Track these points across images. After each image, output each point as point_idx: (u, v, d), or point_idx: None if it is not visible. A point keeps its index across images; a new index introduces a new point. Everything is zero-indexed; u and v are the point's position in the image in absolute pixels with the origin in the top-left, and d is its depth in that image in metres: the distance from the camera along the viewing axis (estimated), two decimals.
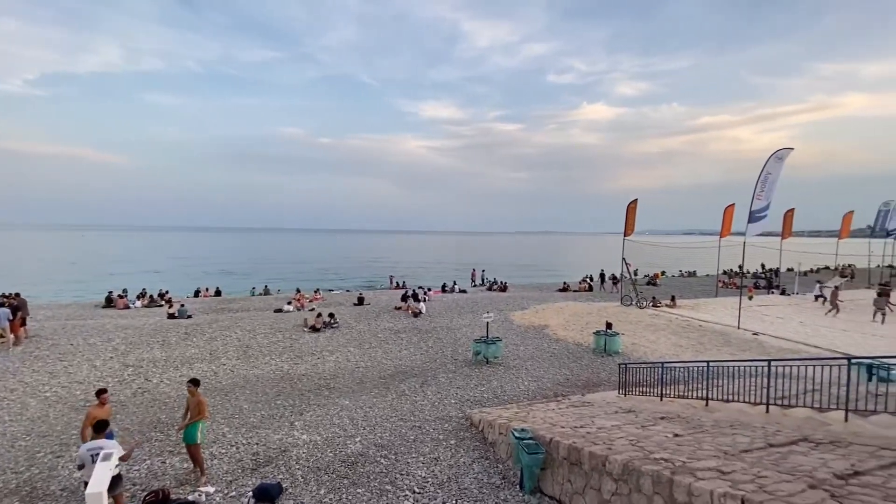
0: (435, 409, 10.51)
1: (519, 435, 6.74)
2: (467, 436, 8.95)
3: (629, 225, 25.18)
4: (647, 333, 17.76)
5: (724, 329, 18.07)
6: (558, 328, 18.55)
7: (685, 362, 9.97)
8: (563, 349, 15.86)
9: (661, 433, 6.34)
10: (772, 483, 3.97)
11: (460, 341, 16.57)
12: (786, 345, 15.59)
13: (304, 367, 13.76)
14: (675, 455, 5.00)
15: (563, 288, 32.17)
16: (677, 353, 14.97)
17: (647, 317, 20.81)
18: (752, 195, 18.74)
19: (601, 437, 6.28)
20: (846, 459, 4.54)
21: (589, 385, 12.49)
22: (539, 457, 6.35)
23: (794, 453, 4.91)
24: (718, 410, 7.95)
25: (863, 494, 3.68)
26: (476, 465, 7.70)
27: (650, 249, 34.39)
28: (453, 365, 14.02)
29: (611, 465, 5.12)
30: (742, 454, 5.02)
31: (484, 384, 12.32)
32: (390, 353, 15.25)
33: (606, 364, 14.19)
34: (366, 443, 8.58)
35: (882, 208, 33.43)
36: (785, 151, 19.04)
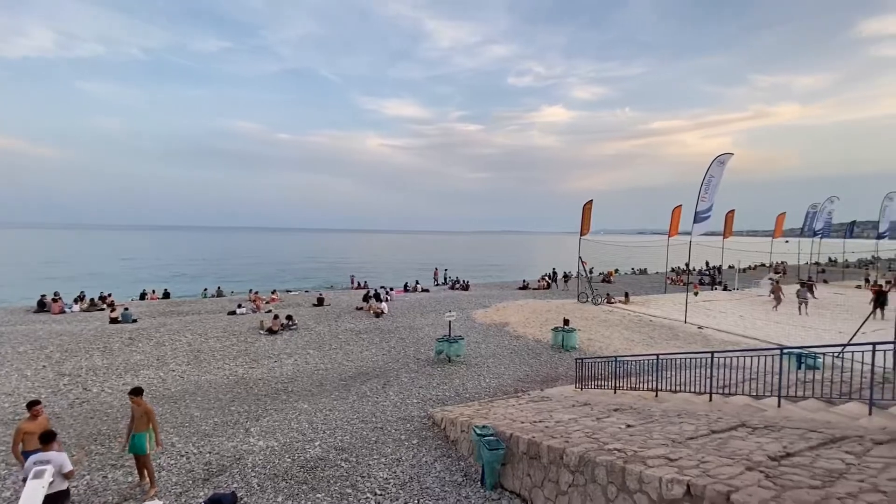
0: (397, 409, 10.46)
1: (480, 432, 6.83)
2: (430, 435, 8.98)
3: (585, 225, 26.08)
4: (602, 329, 18.47)
5: (673, 323, 19.09)
6: (518, 325, 18.94)
7: (637, 356, 10.47)
8: (523, 346, 16.21)
9: (615, 424, 6.62)
10: (714, 467, 4.24)
11: (423, 340, 16.57)
12: (727, 337, 16.68)
13: (260, 370, 13.30)
14: (627, 445, 5.23)
15: (524, 286, 32.85)
16: (629, 347, 15.66)
17: (601, 313, 21.64)
18: (697, 197, 19.90)
19: (559, 430, 6.48)
20: (779, 442, 4.92)
21: (548, 380, 12.83)
22: (500, 452, 6.47)
23: (734, 438, 5.27)
24: (667, 400, 8.39)
25: (793, 474, 4.00)
26: (438, 463, 7.73)
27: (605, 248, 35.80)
28: (416, 364, 14.00)
29: (568, 458, 5.29)
30: (688, 441, 5.32)
31: (446, 383, 12.39)
32: (351, 354, 15.03)
33: (564, 359, 14.64)
34: (326, 447, 8.42)
35: (810, 210, 36.44)
36: (726, 156, 20.35)
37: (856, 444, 4.61)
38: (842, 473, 3.86)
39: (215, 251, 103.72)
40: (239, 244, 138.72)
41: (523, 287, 32.60)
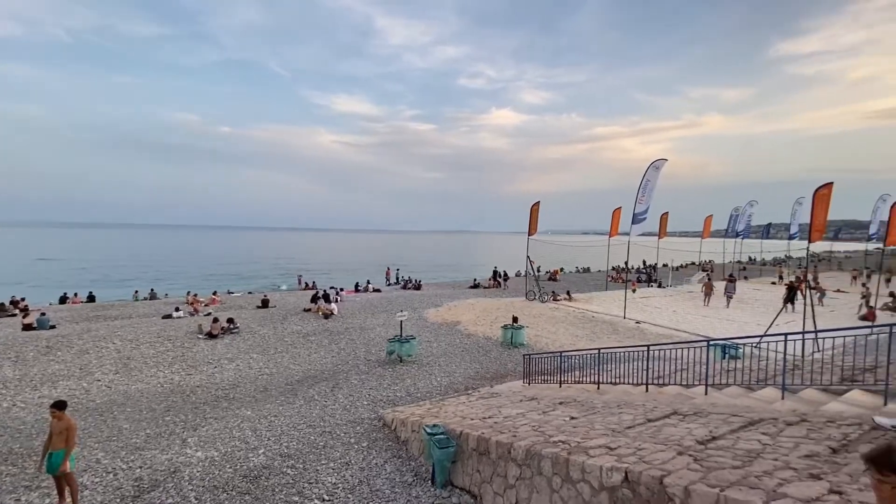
0: (346, 412, 10.24)
1: (431, 431, 6.85)
2: (380, 436, 8.88)
3: (533, 225, 26.88)
4: (549, 325, 19.12)
5: (613, 319, 20.13)
6: (470, 324, 19.18)
7: (580, 351, 10.91)
8: (474, 344, 16.44)
9: (560, 417, 6.88)
10: (649, 453, 4.51)
11: (374, 341, 16.35)
12: (662, 331, 17.83)
13: (198, 377, 12.54)
14: (571, 437, 5.45)
15: (475, 285, 33.30)
16: (574, 343, 16.32)
17: (548, 310, 22.41)
18: (635, 200, 21.11)
19: (507, 425, 6.63)
20: (706, 427, 5.32)
21: (497, 376, 13.10)
22: (450, 450, 6.51)
23: (667, 425, 5.64)
24: (608, 392, 8.82)
25: (718, 456, 4.35)
26: (388, 465, 7.66)
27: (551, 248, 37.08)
28: (366, 366, 13.79)
29: (515, 452, 5.43)
30: (626, 430, 5.63)
31: (398, 383, 12.31)
32: (298, 357, 14.53)
33: (513, 355, 15.00)
34: (270, 454, 8.08)
35: (733, 213, 39.74)
36: (661, 162, 21.73)
37: (771, 426, 5.09)
38: (759, 453, 4.24)
39: (149, 251, 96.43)
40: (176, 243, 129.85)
41: (474, 286, 33.04)
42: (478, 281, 34.54)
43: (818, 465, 3.77)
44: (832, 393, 6.06)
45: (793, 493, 3.21)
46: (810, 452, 4.08)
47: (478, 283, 33.91)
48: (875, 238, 29.81)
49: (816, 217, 13.70)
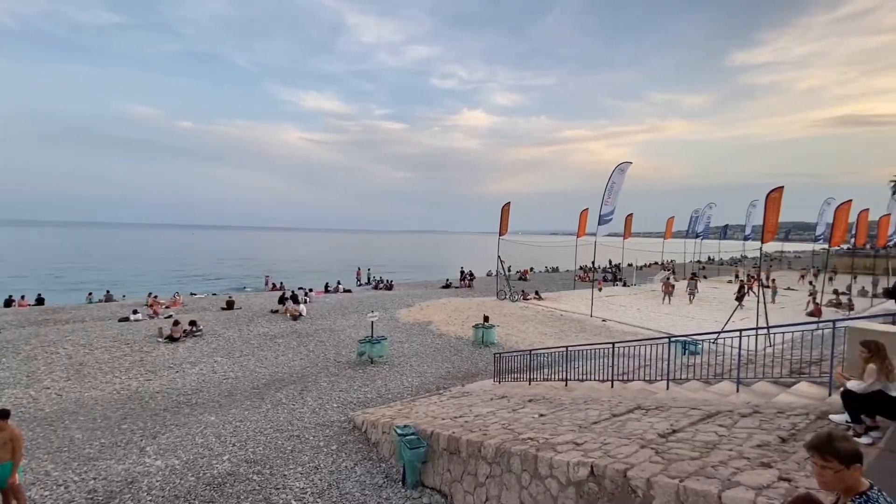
0: (315, 415, 10.07)
1: (401, 431, 6.82)
2: (350, 439, 8.77)
3: (503, 225, 27.19)
4: (519, 324, 19.39)
5: (581, 317, 20.62)
6: (441, 323, 19.20)
7: (549, 349, 11.13)
8: (445, 343, 16.47)
9: (529, 414, 6.99)
10: (614, 448, 4.65)
11: (344, 342, 16.13)
12: (626, 328, 18.40)
13: (158, 382, 12.02)
14: (539, 433, 5.55)
15: (447, 285, 33.37)
16: (543, 341, 16.62)
17: (518, 309, 22.72)
18: (602, 201, 21.70)
19: (477, 424, 6.69)
20: (667, 420, 5.53)
21: (468, 376, 13.18)
22: (421, 451, 6.51)
23: (631, 420, 5.83)
24: (576, 389, 9.04)
25: (678, 448, 4.53)
26: (359, 467, 7.58)
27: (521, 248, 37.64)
28: (336, 368, 13.58)
29: (485, 450, 5.48)
30: (593, 426, 5.79)
31: (368, 384, 12.19)
32: (265, 360, 14.16)
33: (484, 354, 15.13)
34: (235, 460, 7.85)
35: (693, 214, 41.47)
36: (626, 164, 22.43)
37: (727, 417, 5.34)
38: (716, 444, 4.44)
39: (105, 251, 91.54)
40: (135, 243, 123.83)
41: (446, 286, 33.11)
42: (450, 281, 34.62)
43: (769, 453, 3.99)
44: (782, 385, 6.43)
45: (746, 482, 3.39)
46: (762, 442, 4.32)
47: (450, 282, 33.99)
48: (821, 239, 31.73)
49: (769, 219, 14.48)
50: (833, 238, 23.72)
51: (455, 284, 33.49)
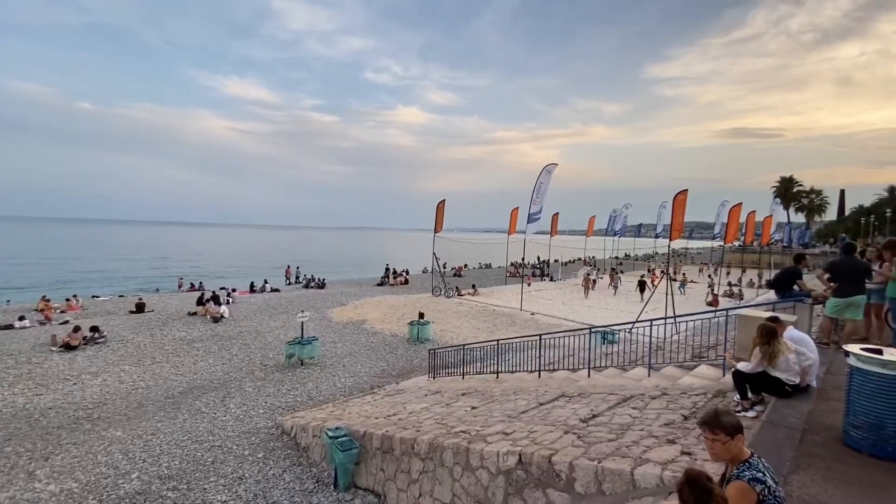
0: (240, 423, 9.49)
1: (333, 434, 6.65)
2: (278, 445, 8.39)
3: (438, 222, 27.43)
4: (453, 320, 19.69)
5: (511, 311, 21.39)
6: (376, 321, 18.96)
7: (482, 342, 11.43)
8: (380, 342, 16.28)
9: (462, 408, 7.14)
10: (540, 435, 4.90)
11: (272, 345, 15.35)
12: (553, 321, 19.39)
13: (51, 397, 10.63)
14: (471, 426, 5.69)
15: (382, 282, 32.98)
16: (476, 335, 17.01)
17: (453, 305, 23.06)
18: (530, 200, 22.65)
19: (411, 421, 6.70)
20: (588, 406, 5.93)
21: (403, 373, 13.15)
22: (353, 452, 6.40)
23: (556, 408, 6.17)
24: (506, 381, 9.36)
25: (597, 431, 4.87)
26: (287, 474, 7.28)
27: (456, 245, 38.23)
28: (262, 372, 12.89)
29: (419, 446, 5.51)
30: (521, 415, 6.04)
31: (298, 387, 11.71)
32: (182, 366, 13.08)
33: (419, 351, 15.17)
34: (147, 478, 7.19)
35: (612, 214, 44.66)
36: (552, 166, 23.58)
37: (639, 400, 5.83)
38: (629, 426, 4.84)
39: None
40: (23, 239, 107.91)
41: (381, 283, 32.73)
42: (385, 278, 34.25)
43: (674, 431, 4.42)
44: (686, 368, 7.13)
45: (654, 458, 3.73)
46: (668, 421, 4.77)
47: (385, 280, 33.64)
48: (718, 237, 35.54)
49: (675, 219, 16.01)
50: (727, 236, 26.81)
51: (391, 282, 33.22)
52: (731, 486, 2.16)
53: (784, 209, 64.14)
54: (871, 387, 3.40)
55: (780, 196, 64.26)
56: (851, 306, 6.16)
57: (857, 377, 3.51)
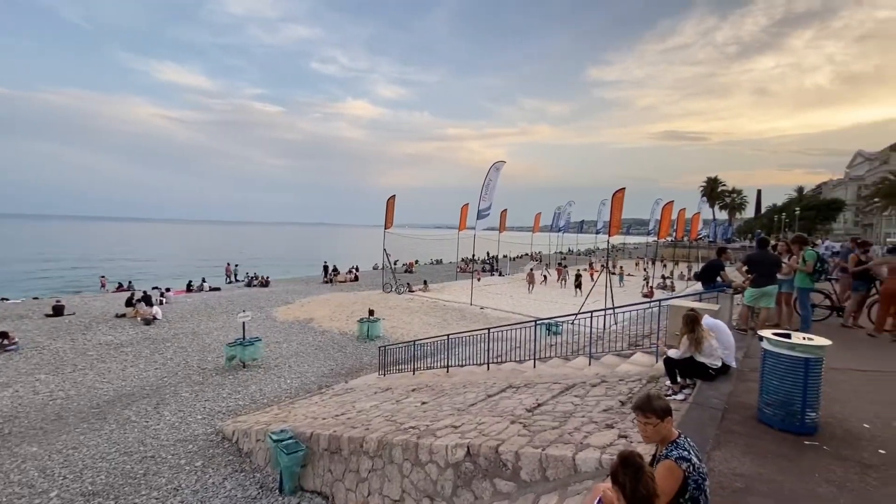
0: (175, 430, 8.91)
1: (277, 437, 6.42)
2: (218, 452, 7.97)
3: (389, 218, 27.15)
4: (404, 316, 19.61)
5: (462, 306, 21.65)
6: (324, 320, 18.48)
7: (432, 338, 11.47)
8: (328, 340, 15.89)
9: (412, 404, 7.14)
10: (488, 426, 5.00)
11: (211, 347, 14.53)
12: (501, 314, 19.83)
13: None
14: (421, 421, 5.70)
15: (330, 280, 32.18)
16: (427, 331, 17.05)
17: (404, 301, 22.96)
18: (479, 197, 22.98)
19: (360, 419, 6.61)
20: (533, 396, 6.12)
21: (353, 371, 12.92)
22: (299, 455, 6.21)
23: (503, 399, 6.32)
24: (456, 375, 9.47)
25: (542, 420, 5.05)
26: (229, 481, 6.94)
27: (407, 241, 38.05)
28: (200, 375, 12.17)
29: (367, 445, 5.45)
30: (470, 408, 6.14)
31: (240, 390, 11.18)
32: (108, 373, 12.06)
33: (369, 349, 14.97)
34: (67, 496, 6.58)
35: (556, 211, 46.35)
36: (501, 164, 24.05)
37: (581, 388, 6.10)
38: (572, 413, 5.05)
39: None
40: None
41: (329, 281, 31.93)
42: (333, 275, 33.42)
43: (612, 416, 4.67)
44: (623, 356, 7.55)
45: (594, 443, 3.92)
46: (607, 407, 5.03)
47: (333, 277, 32.83)
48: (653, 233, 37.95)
49: (614, 215, 16.88)
50: (660, 232, 28.69)
51: (340, 279, 32.49)
52: (661, 465, 2.31)
53: (710, 207, 69.72)
54: (781, 368, 3.77)
55: (707, 195, 69.80)
56: (765, 295, 6.79)
57: (769, 359, 3.88)
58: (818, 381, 3.68)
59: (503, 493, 3.97)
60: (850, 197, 67.00)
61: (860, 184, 65.28)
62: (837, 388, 4.57)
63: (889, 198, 39.72)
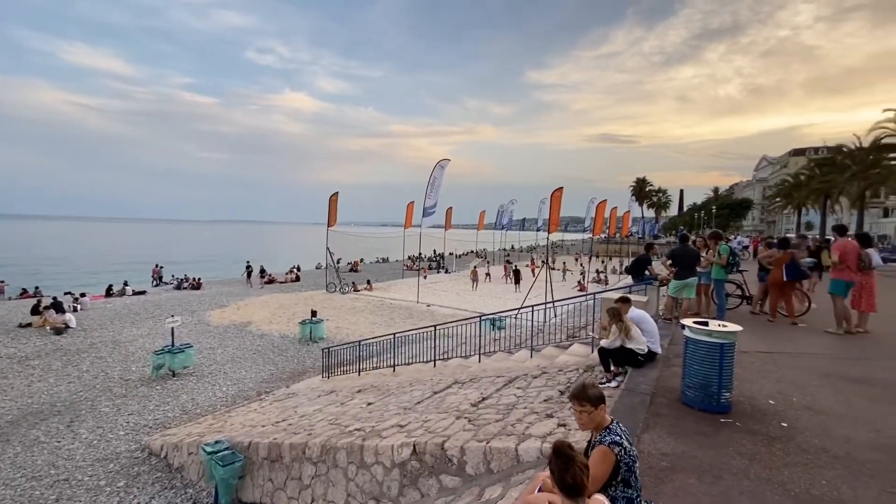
0: (93, 449, 8.12)
1: (211, 449, 6.04)
2: (144, 469, 7.37)
3: (332, 216, 26.42)
4: (349, 316, 19.20)
5: (408, 304, 21.58)
6: (263, 323, 17.64)
7: (378, 337, 11.33)
8: (267, 344, 15.19)
9: (358, 405, 7.01)
10: (434, 423, 5.02)
11: (134, 356, 13.38)
12: (448, 311, 20.01)
13: None
14: (367, 423, 5.62)
15: (270, 280, 30.77)
16: (373, 330, 16.82)
17: (349, 301, 22.48)
18: (425, 195, 23.00)
19: (303, 424, 6.39)
20: (478, 390, 6.23)
21: (295, 375, 12.46)
22: (236, 466, 5.89)
23: (449, 394, 6.38)
24: (402, 373, 9.43)
25: (486, 413, 5.15)
26: (157, 500, 6.45)
27: (352, 239, 37.25)
28: (123, 388, 11.17)
29: (310, 450, 5.28)
30: (416, 406, 6.13)
31: (169, 401, 10.40)
32: (11, 390, 10.73)
33: (312, 351, 14.50)
34: None
35: (500, 209, 47.48)
36: (445, 162, 24.20)
37: (523, 381, 6.30)
38: (514, 405, 5.20)
39: None
40: None
41: (270, 281, 30.53)
42: (273, 276, 31.99)
43: (552, 406, 4.86)
44: (562, 348, 7.89)
45: (535, 433, 4.06)
46: (548, 397, 5.23)
47: (273, 277, 31.41)
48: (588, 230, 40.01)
49: (553, 214, 17.58)
50: (595, 229, 30.28)
51: (280, 279, 31.16)
52: (595, 451, 2.44)
53: (639, 205, 74.67)
54: (700, 353, 4.12)
55: (636, 194, 74.79)
56: (687, 287, 7.38)
57: (690, 346, 4.22)
58: (731, 363, 4.06)
59: (449, 488, 4.00)
60: (757, 197, 74.68)
61: (765, 185, 72.88)
62: (747, 368, 5.07)
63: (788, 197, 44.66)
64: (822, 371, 5.11)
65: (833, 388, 4.59)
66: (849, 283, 6.76)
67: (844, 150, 33.42)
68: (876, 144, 26.41)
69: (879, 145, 26.17)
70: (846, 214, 40.29)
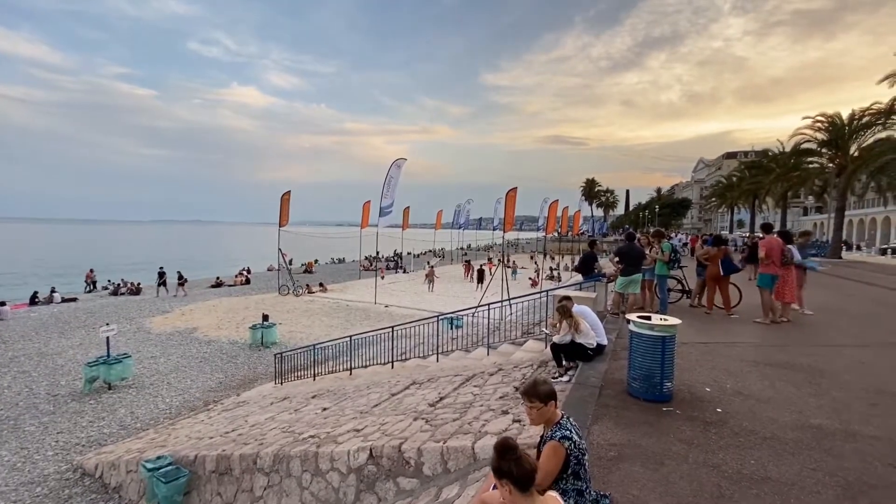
0: (17, 472, 7.41)
1: (152, 465, 5.67)
2: (77, 491, 6.82)
3: (284, 215, 25.55)
4: (303, 319, 18.66)
5: (366, 305, 21.28)
6: (210, 328, 16.78)
7: (334, 340, 11.07)
8: (215, 351, 14.47)
9: (313, 411, 6.83)
10: (391, 426, 4.98)
11: (64, 369, 12.34)
12: (406, 311, 19.91)
13: None
14: (321, 429, 5.48)
15: (217, 283, 29.32)
16: (329, 333, 16.43)
17: (303, 303, 21.84)
18: (382, 194, 22.75)
19: (254, 434, 6.14)
20: (436, 390, 6.25)
21: (245, 383, 11.96)
22: (181, 482, 5.56)
23: (407, 396, 6.35)
24: (360, 376, 9.28)
25: (444, 413, 5.17)
26: None
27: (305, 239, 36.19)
28: (51, 404, 10.26)
29: (262, 461, 5.08)
30: (373, 409, 6.06)
31: (105, 416, 9.67)
32: None
33: (264, 357, 13.96)
34: None
35: (457, 209, 47.84)
36: (402, 161, 24.05)
37: (480, 378, 6.38)
38: (471, 403, 5.25)
39: None
40: None
41: (217, 284, 29.09)
42: (220, 279, 30.51)
43: (508, 402, 4.95)
44: (517, 344, 8.06)
45: (491, 430, 4.12)
46: (503, 394, 5.33)
47: (221, 281, 29.96)
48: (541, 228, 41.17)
49: (508, 213, 17.93)
50: (548, 227, 31.20)
51: (228, 282, 29.77)
52: (546, 446, 2.51)
53: (589, 205, 77.76)
54: (643, 346, 4.34)
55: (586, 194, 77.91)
56: (633, 283, 7.76)
57: (634, 339, 4.44)
58: (672, 355, 4.31)
59: (406, 490, 3.98)
60: (695, 196, 79.91)
61: (702, 185, 78.07)
62: (686, 359, 5.40)
63: (722, 197, 48.07)
64: (751, 358, 5.53)
65: (760, 373, 4.98)
66: (774, 277, 7.37)
67: (770, 154, 36.47)
68: (796, 149, 28.92)
69: (799, 150, 28.68)
70: (772, 213, 43.96)
